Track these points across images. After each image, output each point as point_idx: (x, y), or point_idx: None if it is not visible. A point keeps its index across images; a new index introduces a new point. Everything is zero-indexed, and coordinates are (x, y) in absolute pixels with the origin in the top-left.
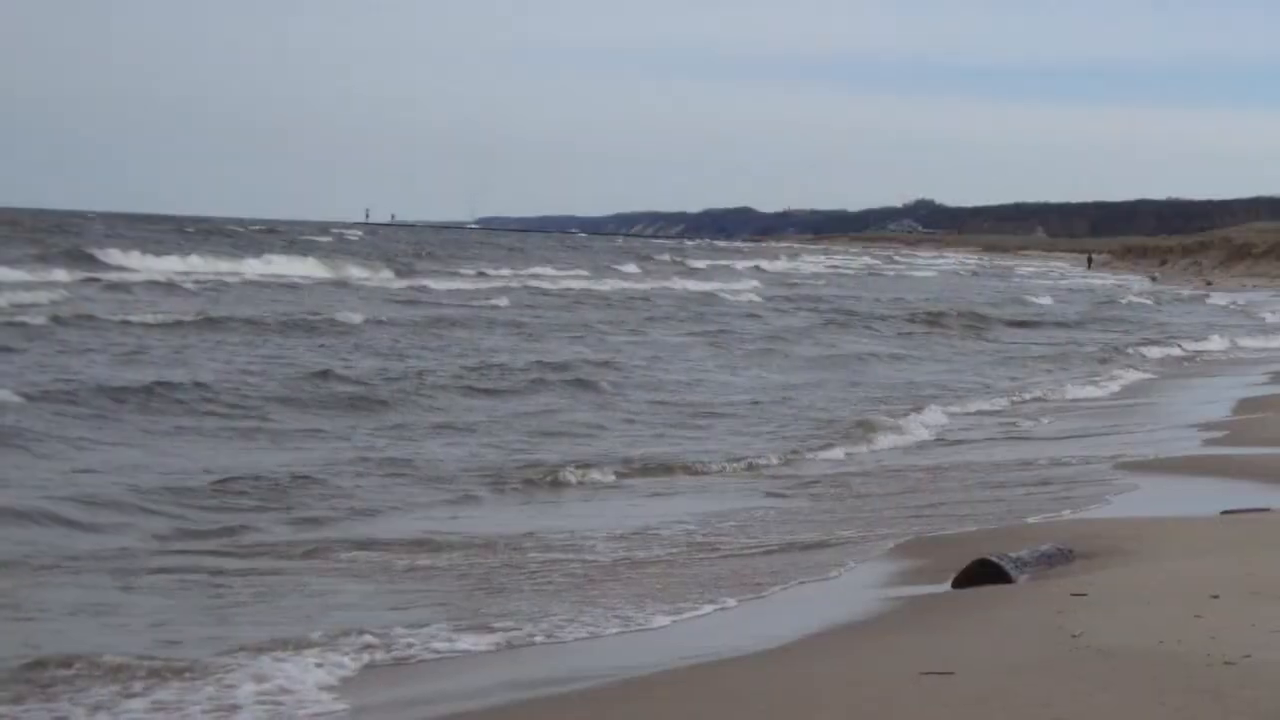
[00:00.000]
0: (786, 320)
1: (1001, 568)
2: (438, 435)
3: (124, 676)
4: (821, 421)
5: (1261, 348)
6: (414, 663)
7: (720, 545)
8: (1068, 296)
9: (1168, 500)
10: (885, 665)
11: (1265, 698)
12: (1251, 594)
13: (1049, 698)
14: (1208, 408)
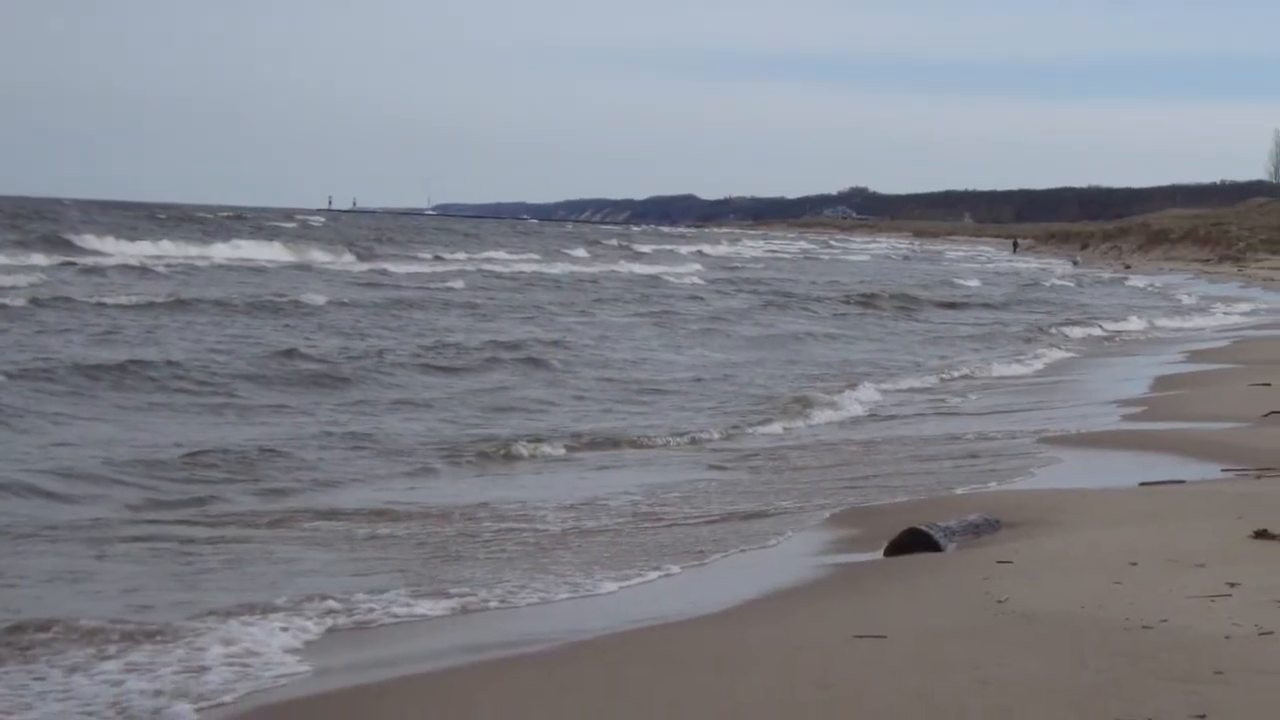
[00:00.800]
0: (727, 302)
1: (931, 536)
2: (397, 411)
3: (99, 639)
4: (761, 398)
5: (1178, 328)
6: (374, 627)
7: (665, 515)
8: (994, 279)
9: (1089, 473)
10: (821, 629)
11: (1180, 660)
12: (1168, 562)
13: (976, 660)
14: (1127, 385)
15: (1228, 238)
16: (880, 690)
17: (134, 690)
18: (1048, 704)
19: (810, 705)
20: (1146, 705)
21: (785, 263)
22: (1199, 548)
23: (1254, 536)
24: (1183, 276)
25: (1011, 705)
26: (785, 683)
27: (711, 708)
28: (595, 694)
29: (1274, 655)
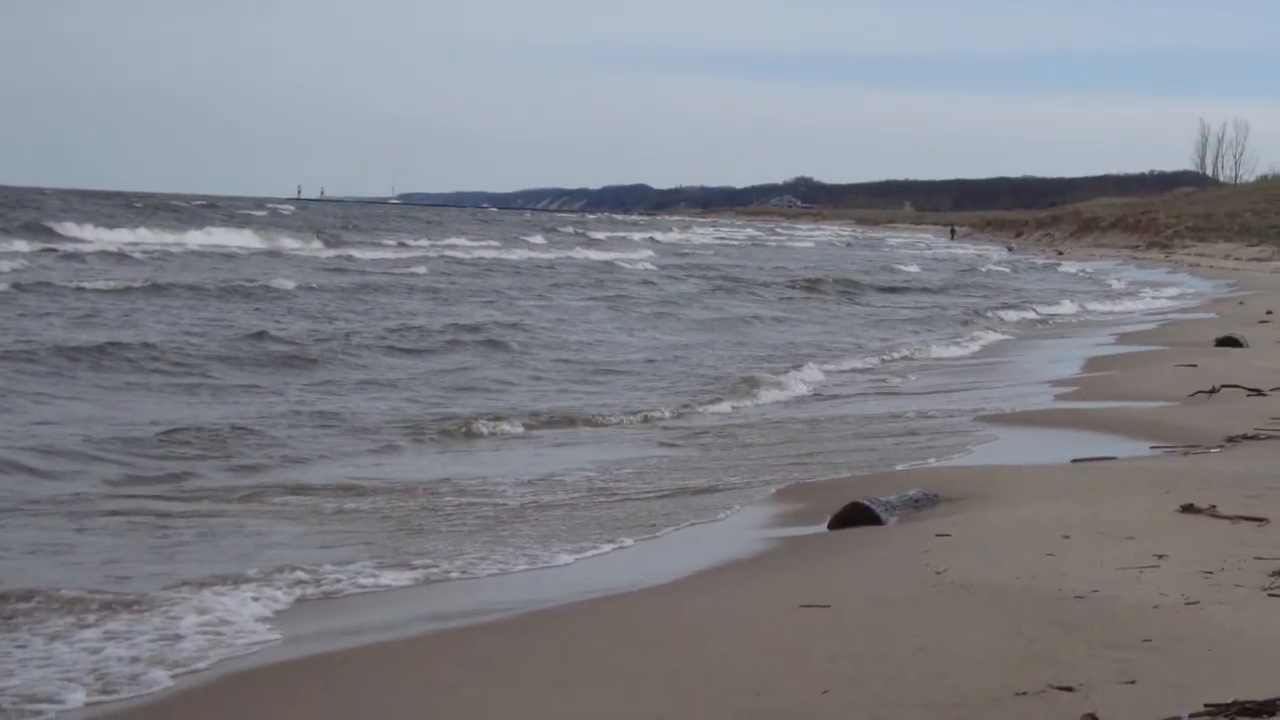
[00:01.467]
0: (678, 286)
1: (873, 510)
2: (362, 390)
3: (78, 609)
4: (710, 378)
5: (1108, 311)
6: (341, 597)
7: (618, 490)
8: (933, 265)
9: (1023, 450)
10: (767, 599)
11: (1110, 628)
12: (1099, 534)
13: (916, 629)
14: (1059, 366)
15: (1155, 225)
16: (823, 656)
17: (112, 657)
18: (984, 670)
19: (757, 671)
20: (1078, 672)
21: (733, 249)
22: (1128, 521)
23: (1181, 511)
24: (1113, 262)
25: (949, 671)
26: (733, 649)
27: (663, 673)
28: (553, 661)
29: (1200, 624)
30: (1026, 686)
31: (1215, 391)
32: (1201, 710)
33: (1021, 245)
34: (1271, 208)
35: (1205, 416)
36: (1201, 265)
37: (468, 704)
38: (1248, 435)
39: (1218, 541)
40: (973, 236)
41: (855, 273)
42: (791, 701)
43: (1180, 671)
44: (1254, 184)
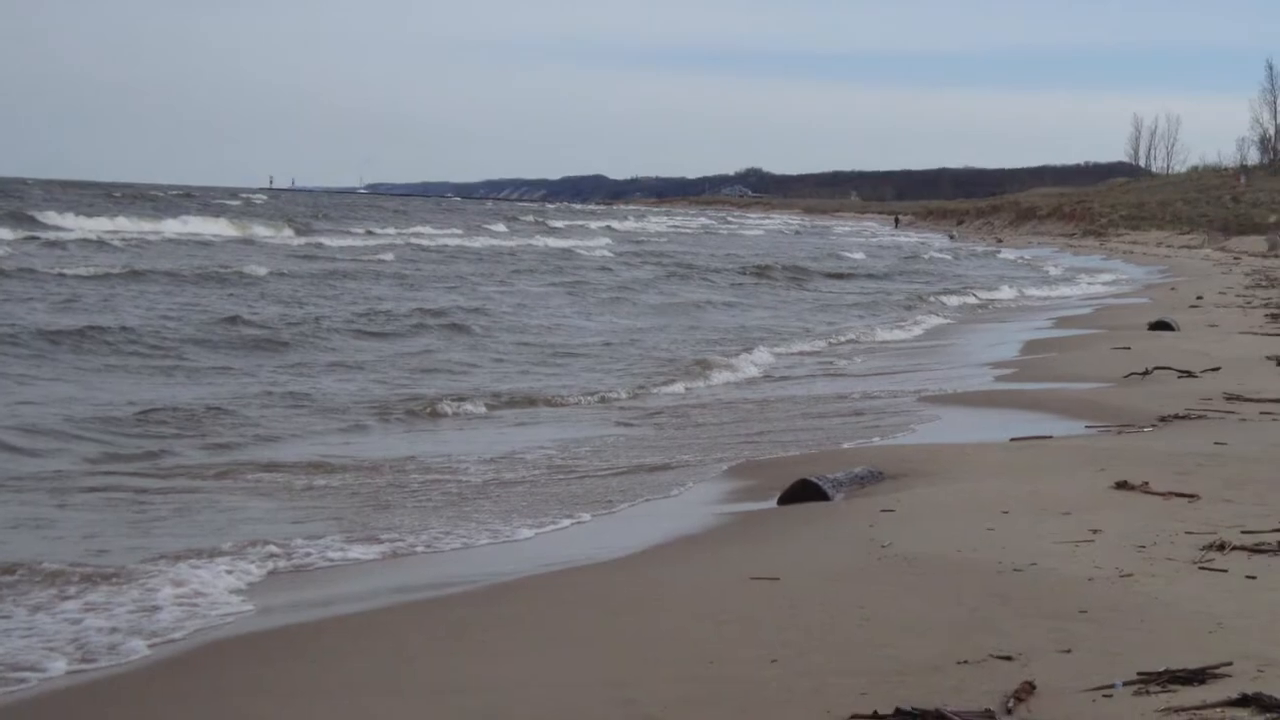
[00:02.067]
0: (634, 273)
1: (821, 487)
2: (332, 372)
3: (60, 581)
4: (664, 361)
5: (1045, 296)
6: (311, 569)
7: (577, 468)
8: (878, 252)
9: (964, 429)
10: (719, 571)
11: (1046, 599)
12: (1037, 510)
13: (861, 599)
14: (999, 349)
15: (1091, 214)
16: (773, 626)
17: (92, 628)
18: (926, 640)
19: (709, 640)
20: (1017, 641)
21: (687, 237)
22: (1065, 497)
23: (1115, 487)
24: (1050, 250)
25: (893, 641)
26: (687, 620)
27: (621, 642)
28: (515, 630)
29: (1133, 595)
30: (967, 655)
31: (1148, 373)
32: (1135, 678)
33: (962, 233)
34: (1202, 197)
35: (1138, 397)
36: (1135, 252)
37: (434, 671)
38: (1179, 415)
39: (1150, 517)
40: (916, 225)
41: (803, 260)
42: (743, 669)
43: (1115, 641)
44: (1185, 175)
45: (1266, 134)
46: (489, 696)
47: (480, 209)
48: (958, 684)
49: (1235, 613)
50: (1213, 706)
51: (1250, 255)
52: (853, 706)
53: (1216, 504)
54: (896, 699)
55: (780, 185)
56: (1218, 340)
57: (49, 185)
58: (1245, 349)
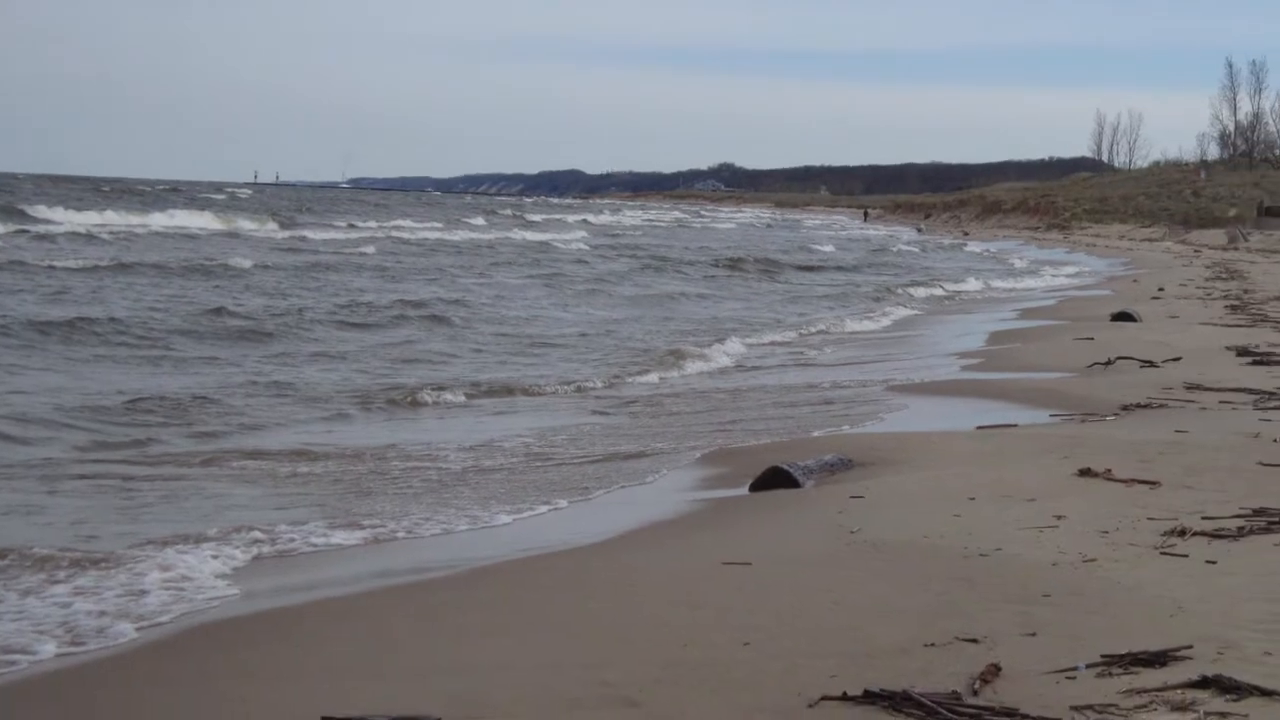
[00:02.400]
0: (610, 265)
1: (791, 474)
2: (315, 362)
3: (50, 566)
4: (639, 351)
5: (1010, 288)
6: (295, 555)
7: (554, 455)
8: (847, 245)
9: (931, 417)
10: (693, 556)
11: (1011, 583)
12: (1001, 497)
13: (831, 583)
14: (965, 339)
15: (1055, 208)
16: (745, 611)
17: (81, 611)
18: (894, 623)
19: (683, 623)
20: (983, 624)
21: (661, 230)
22: (1030, 484)
23: (1078, 474)
24: (1015, 243)
25: (862, 624)
26: (661, 604)
27: (597, 625)
28: (493, 613)
29: (1096, 580)
30: (934, 638)
31: (1111, 363)
32: (1098, 660)
33: (930, 227)
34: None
35: (1101, 386)
36: (1098, 245)
37: (414, 653)
38: (1141, 404)
39: (1113, 503)
40: (884, 219)
41: (775, 252)
42: (716, 652)
43: (1078, 625)
44: (1147, 170)
45: (1226, 130)
46: (469, 678)
47: (459, 203)
48: (925, 666)
49: (1196, 597)
50: (1174, 688)
51: (1210, 248)
52: (823, 688)
53: (1177, 490)
54: (865, 681)
55: (752, 180)
56: (1178, 331)
57: (39, 180)
58: (1205, 339)
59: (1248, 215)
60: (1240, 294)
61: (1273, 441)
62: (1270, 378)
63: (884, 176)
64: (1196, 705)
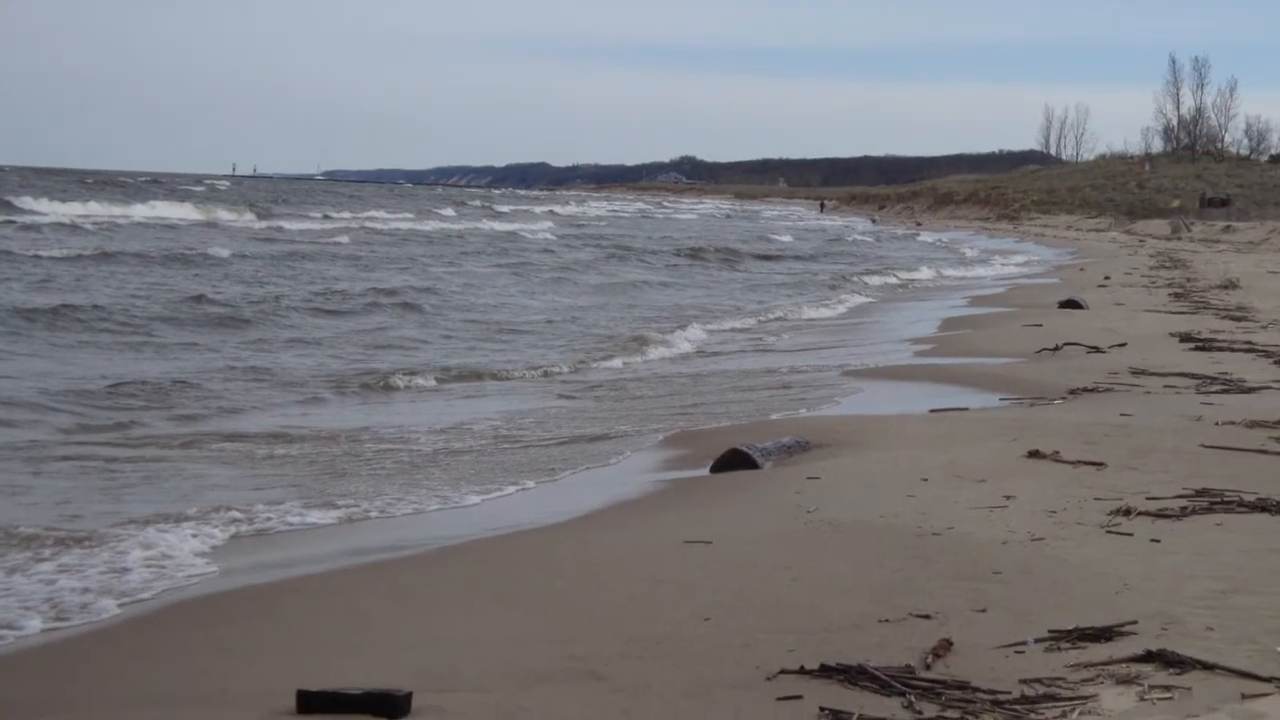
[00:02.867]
0: (575, 254)
1: (750, 456)
2: (291, 348)
3: (35, 544)
4: (603, 337)
5: (962, 276)
6: (272, 533)
7: (521, 438)
8: (804, 235)
9: (886, 401)
10: (656, 535)
11: (963, 561)
12: (954, 477)
13: (789, 561)
14: (918, 326)
15: (1005, 199)
16: (706, 587)
17: (65, 588)
18: (850, 600)
19: (646, 600)
20: (935, 601)
21: (625, 221)
22: (980, 465)
23: (1027, 456)
24: (966, 233)
25: (819, 600)
26: (625, 581)
27: (563, 602)
28: (463, 590)
29: (1045, 558)
30: (889, 614)
31: (1058, 349)
32: (1046, 636)
33: (884, 217)
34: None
35: (1049, 371)
36: (1046, 235)
37: (387, 628)
38: (1088, 388)
39: (1061, 484)
40: (840, 210)
41: (734, 242)
42: (678, 628)
43: (1027, 601)
44: (1093, 162)
45: (1170, 124)
46: (439, 653)
47: (430, 194)
48: (879, 641)
49: (1140, 574)
50: (1119, 662)
51: (1154, 238)
52: (781, 662)
53: (1123, 472)
54: (822, 655)
55: (713, 172)
56: (1124, 318)
57: (24, 172)
58: (1150, 326)
59: (1190, 206)
60: (1183, 282)
61: (1214, 425)
62: (1212, 363)
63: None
64: (1141, 679)
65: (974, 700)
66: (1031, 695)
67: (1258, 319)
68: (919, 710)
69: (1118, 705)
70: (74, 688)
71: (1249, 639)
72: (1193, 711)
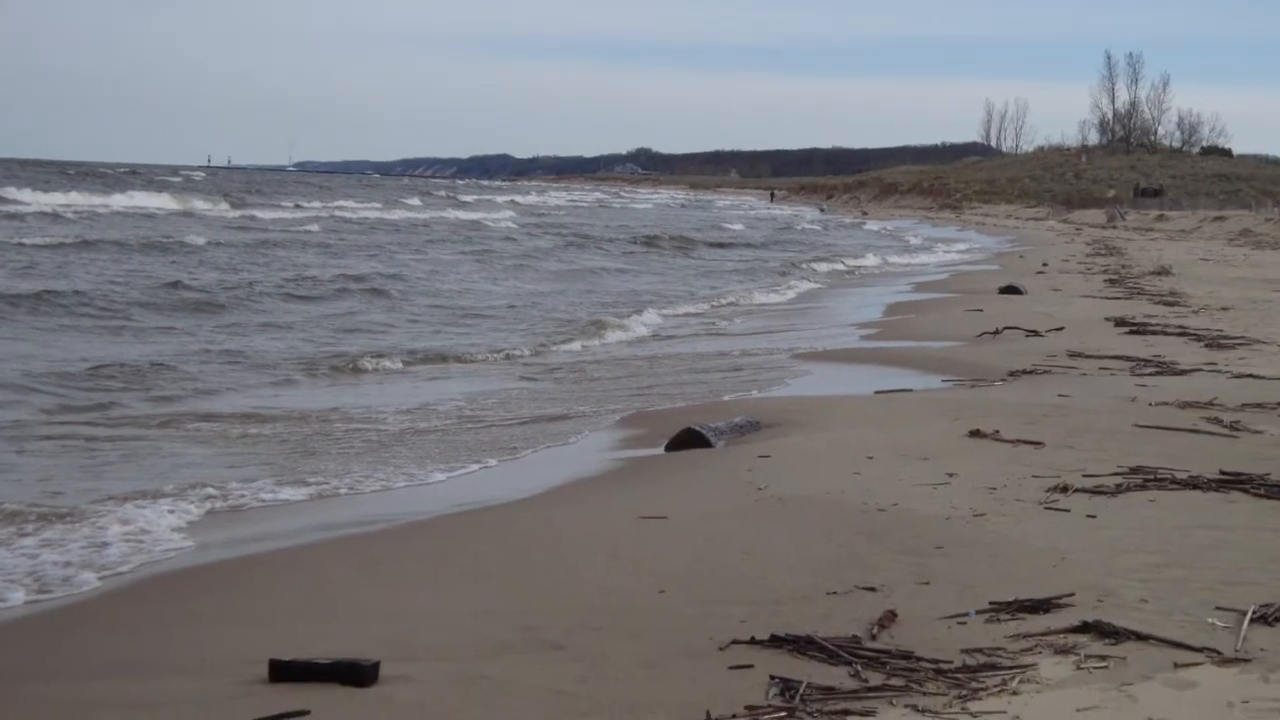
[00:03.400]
0: (536, 242)
1: (704, 435)
2: (264, 332)
3: (19, 520)
4: (563, 321)
5: (906, 263)
6: (246, 509)
7: (484, 418)
8: (755, 224)
9: (833, 383)
10: (613, 510)
11: (908, 536)
12: (898, 456)
13: (741, 536)
14: (864, 311)
15: (947, 189)
16: (661, 560)
17: (48, 562)
18: (799, 572)
19: (604, 573)
20: (880, 574)
21: (583, 210)
22: (924, 444)
23: (969, 435)
24: (910, 222)
25: (768, 573)
26: (583, 553)
27: (524, 574)
28: (428, 564)
29: (985, 533)
30: (836, 586)
31: (999, 333)
32: (987, 607)
33: (832, 207)
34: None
35: (990, 354)
36: (987, 224)
37: (356, 599)
38: (1026, 370)
39: (1001, 462)
40: (789, 199)
41: (688, 230)
42: (634, 599)
43: (968, 574)
44: (1032, 154)
45: (1105, 117)
46: (406, 624)
47: (397, 185)
48: (827, 612)
49: (1077, 548)
50: (1057, 633)
51: (1090, 226)
52: (733, 632)
53: (1060, 450)
54: (772, 626)
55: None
56: (1061, 303)
57: (8, 164)
58: (1086, 311)
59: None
60: (1118, 269)
61: (1148, 405)
62: (1145, 346)
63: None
64: (1078, 648)
65: (918, 669)
66: (973, 664)
67: (1189, 304)
68: (865, 679)
69: (1055, 674)
70: (56, 657)
71: (1181, 610)
72: (1127, 680)
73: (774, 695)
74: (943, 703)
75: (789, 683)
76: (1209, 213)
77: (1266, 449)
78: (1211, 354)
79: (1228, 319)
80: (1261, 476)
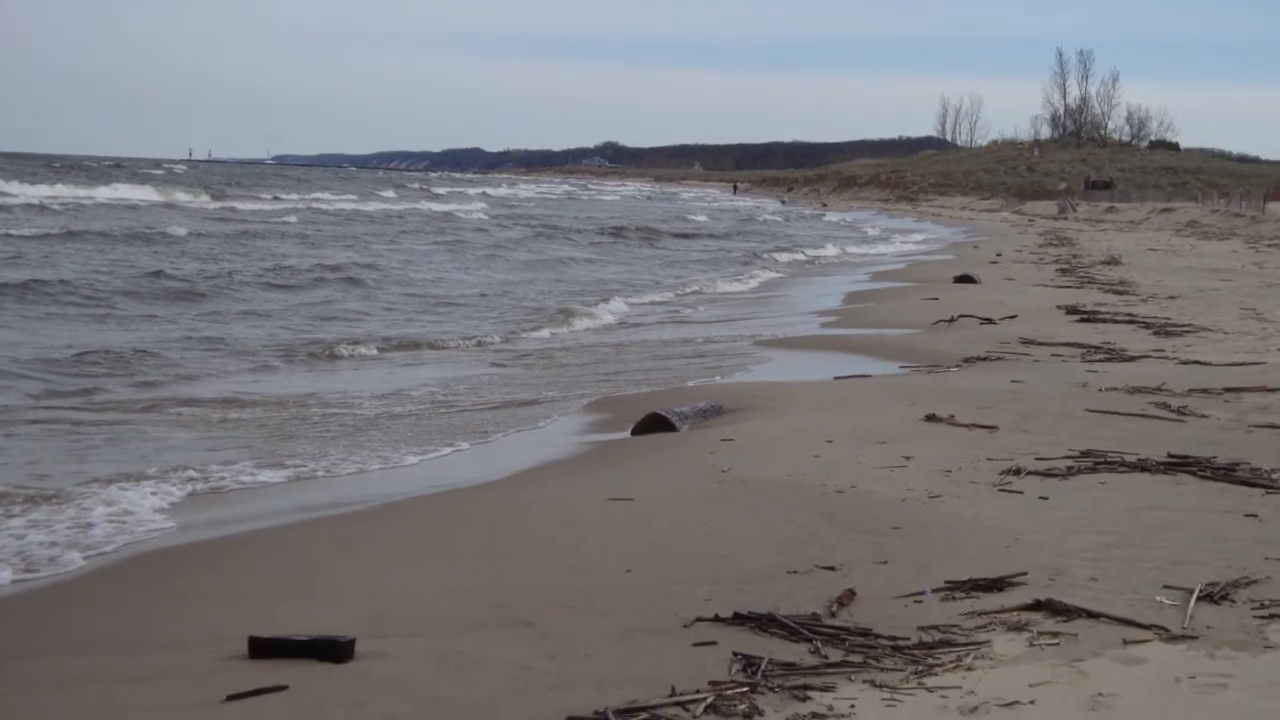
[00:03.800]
0: (506, 233)
1: (669, 419)
2: (243, 320)
3: (6, 502)
4: (533, 309)
5: (865, 253)
6: (226, 491)
7: (456, 403)
8: (719, 215)
9: (794, 369)
10: (581, 493)
11: (866, 517)
12: (857, 440)
13: (705, 517)
14: (824, 299)
15: (904, 182)
16: (628, 541)
17: (35, 542)
18: (761, 552)
19: (573, 553)
20: (839, 554)
21: (552, 202)
22: (882, 428)
23: (925, 420)
24: (869, 213)
25: (732, 553)
26: (552, 534)
27: (495, 554)
28: (402, 544)
29: (941, 514)
30: (796, 566)
31: (954, 320)
32: (942, 586)
33: (792, 199)
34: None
35: (946, 341)
36: (942, 216)
37: (333, 578)
38: (981, 357)
39: (956, 445)
40: (752, 192)
41: (654, 222)
42: (601, 578)
43: (925, 554)
44: (986, 148)
45: (1057, 112)
46: (381, 602)
47: (373, 178)
48: (788, 591)
49: (1030, 529)
50: (1010, 610)
51: (1043, 218)
52: (698, 610)
53: (1013, 434)
54: (735, 604)
55: (634, 157)
56: (1014, 292)
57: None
58: (1038, 299)
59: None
60: (1069, 259)
61: (1099, 391)
62: (1096, 333)
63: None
64: (1030, 626)
65: (875, 646)
66: (929, 641)
67: (1138, 293)
68: (825, 655)
69: (1009, 650)
70: (42, 635)
71: (1130, 589)
72: (1078, 656)
73: (737, 671)
74: (900, 678)
75: (751, 659)
76: (1157, 205)
77: (1213, 433)
78: (1160, 341)
79: (1175, 307)
80: (1208, 459)
